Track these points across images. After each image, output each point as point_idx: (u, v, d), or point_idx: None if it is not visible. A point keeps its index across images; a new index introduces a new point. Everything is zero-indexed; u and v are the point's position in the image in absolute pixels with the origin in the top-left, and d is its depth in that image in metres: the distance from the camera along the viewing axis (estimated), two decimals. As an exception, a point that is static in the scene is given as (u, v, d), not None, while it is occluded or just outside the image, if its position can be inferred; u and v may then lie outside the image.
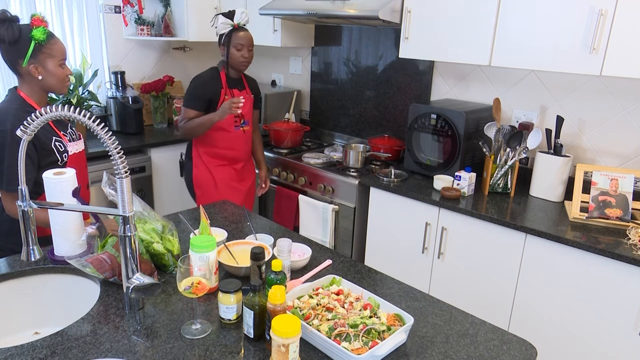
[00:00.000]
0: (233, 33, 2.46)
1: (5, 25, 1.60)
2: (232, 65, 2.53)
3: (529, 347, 1.24)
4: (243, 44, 2.47)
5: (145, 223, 1.50)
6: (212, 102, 2.52)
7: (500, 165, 2.36)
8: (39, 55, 1.64)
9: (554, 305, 2.03)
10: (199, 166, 2.66)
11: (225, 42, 2.49)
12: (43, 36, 1.62)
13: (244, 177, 2.77)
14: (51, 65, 1.67)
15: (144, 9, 3.48)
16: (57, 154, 1.71)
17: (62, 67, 1.70)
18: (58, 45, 1.68)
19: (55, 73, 1.68)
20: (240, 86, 2.63)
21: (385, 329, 1.18)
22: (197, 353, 1.16)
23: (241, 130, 2.65)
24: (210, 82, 2.52)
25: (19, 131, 1.13)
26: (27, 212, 1.16)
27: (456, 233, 2.28)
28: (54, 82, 1.70)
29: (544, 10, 2.04)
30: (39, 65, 1.65)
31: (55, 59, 1.67)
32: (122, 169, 1.18)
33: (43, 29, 1.63)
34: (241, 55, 2.49)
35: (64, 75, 1.71)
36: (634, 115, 2.22)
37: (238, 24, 2.48)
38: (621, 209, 2.03)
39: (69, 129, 1.83)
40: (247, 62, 2.53)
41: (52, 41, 1.66)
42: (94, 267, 1.38)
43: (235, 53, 2.49)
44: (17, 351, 1.14)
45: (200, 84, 2.52)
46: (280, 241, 1.45)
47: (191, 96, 2.52)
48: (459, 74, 2.77)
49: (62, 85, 1.72)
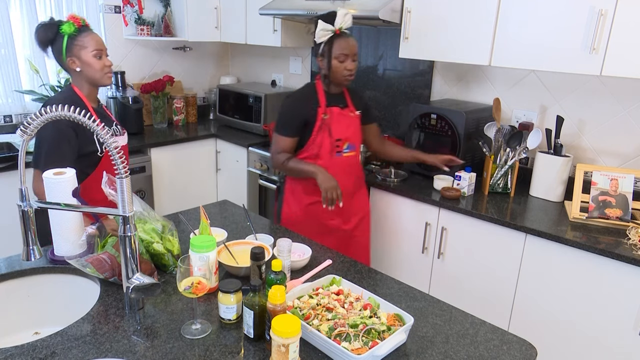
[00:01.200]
0: (334, 40, 2.04)
1: (45, 27, 1.75)
2: (335, 80, 2.10)
3: (529, 347, 1.24)
4: (347, 53, 2.03)
5: (145, 223, 1.50)
6: (307, 124, 2.11)
7: (500, 165, 2.36)
8: (72, 48, 1.75)
9: (554, 305, 2.03)
10: (290, 203, 2.23)
11: (324, 52, 2.06)
12: (71, 29, 1.73)
13: (348, 215, 2.24)
14: (85, 56, 1.76)
15: (144, 9, 3.48)
16: (97, 144, 1.80)
17: (97, 57, 1.78)
18: (90, 37, 1.77)
19: (90, 63, 1.77)
20: (341, 103, 2.18)
21: (385, 329, 1.18)
22: (197, 353, 1.16)
23: (343, 156, 2.17)
24: (305, 102, 2.11)
25: (19, 131, 1.13)
26: (27, 212, 1.16)
27: (456, 233, 2.28)
28: (92, 73, 1.78)
29: (544, 10, 2.04)
30: (75, 58, 1.76)
31: (87, 49, 1.76)
32: (122, 169, 1.18)
33: (70, 23, 1.74)
34: (344, 68, 2.05)
35: (100, 66, 1.78)
36: (634, 115, 2.22)
37: (340, 29, 2.04)
38: (621, 209, 2.03)
39: (113, 126, 1.92)
40: (351, 76, 2.08)
41: (84, 34, 1.77)
42: (94, 267, 1.38)
43: (337, 66, 2.05)
44: (17, 351, 1.14)
45: (294, 106, 2.12)
46: (280, 241, 1.45)
47: (284, 121, 2.12)
48: (459, 74, 2.77)
49: (102, 75, 1.80)
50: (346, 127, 2.15)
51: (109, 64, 1.81)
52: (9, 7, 2.93)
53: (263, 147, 3.15)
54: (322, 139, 2.12)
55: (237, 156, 3.34)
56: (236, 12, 3.39)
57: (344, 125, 2.15)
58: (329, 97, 2.14)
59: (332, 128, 2.12)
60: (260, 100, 3.33)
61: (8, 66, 3.00)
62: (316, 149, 2.11)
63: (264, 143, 3.22)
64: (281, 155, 2.12)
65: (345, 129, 2.15)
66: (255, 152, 3.16)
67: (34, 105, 3.11)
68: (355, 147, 2.20)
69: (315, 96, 2.12)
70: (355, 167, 2.24)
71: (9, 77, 3.03)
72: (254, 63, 3.97)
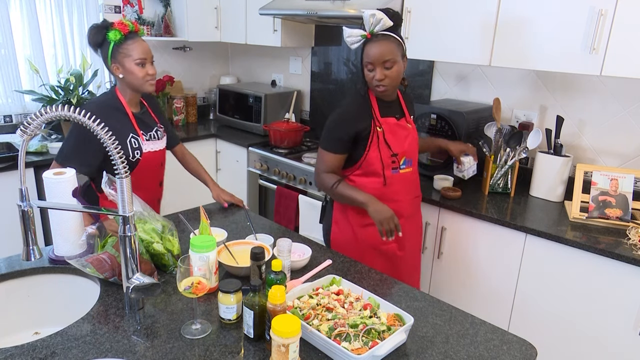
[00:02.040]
0: (364, 47, 1.81)
1: (95, 30, 1.77)
2: (372, 91, 1.87)
3: (529, 347, 1.24)
4: (372, 62, 1.77)
5: (145, 223, 1.50)
6: (359, 139, 1.85)
7: (500, 165, 2.36)
8: (117, 55, 1.78)
9: (554, 305, 2.03)
10: (340, 224, 1.98)
11: (361, 59, 1.85)
12: (116, 37, 1.75)
13: (404, 241, 1.97)
14: (128, 64, 1.78)
15: (144, 9, 3.48)
16: (129, 149, 1.82)
17: (140, 66, 1.80)
18: (135, 45, 1.78)
19: (132, 71, 1.79)
20: (397, 112, 1.92)
21: (385, 329, 1.18)
22: (197, 353, 1.16)
23: (400, 173, 1.91)
24: (357, 115, 1.85)
25: (19, 131, 1.13)
26: (27, 212, 1.16)
27: (456, 233, 2.28)
28: (133, 80, 1.81)
29: (544, 10, 2.04)
30: (119, 65, 1.79)
31: (131, 58, 1.78)
32: (122, 169, 1.18)
33: (117, 30, 1.76)
34: (373, 78, 1.79)
35: (143, 74, 1.80)
36: (634, 115, 2.22)
37: (372, 33, 1.78)
38: (621, 209, 2.03)
39: (153, 131, 1.94)
40: (383, 86, 1.79)
41: (130, 42, 1.78)
42: (94, 267, 1.38)
43: (367, 75, 1.81)
44: (17, 351, 1.14)
45: (344, 119, 1.84)
46: (280, 241, 1.45)
47: (333, 136, 1.85)
48: (459, 74, 2.77)
49: (143, 83, 1.82)
50: (403, 139, 1.90)
51: (151, 72, 1.83)
52: (9, 7, 2.93)
53: (263, 147, 3.15)
54: (376, 154, 1.85)
55: (237, 156, 3.34)
56: (236, 12, 3.40)
57: (400, 137, 1.90)
58: (383, 107, 1.88)
59: (388, 142, 1.86)
60: (260, 100, 3.33)
61: (8, 66, 3.01)
62: (369, 166, 1.86)
63: (264, 143, 3.22)
64: (329, 177, 1.87)
65: (402, 142, 1.89)
66: (255, 152, 3.16)
67: (34, 105, 3.11)
68: (412, 163, 1.95)
69: (368, 107, 1.86)
70: (413, 185, 1.99)
71: (9, 77, 3.03)
72: (254, 63, 3.97)
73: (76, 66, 3.24)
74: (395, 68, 1.77)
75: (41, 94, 2.98)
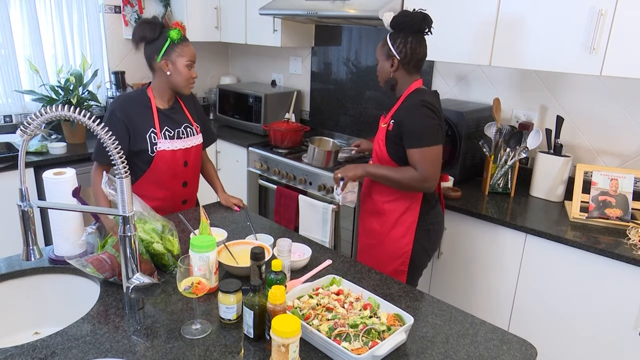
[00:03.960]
0: None
1: (150, 25, 1.85)
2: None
3: (529, 347, 1.24)
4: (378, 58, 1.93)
5: (145, 223, 1.50)
6: None
7: (500, 165, 2.36)
8: (171, 53, 1.86)
9: (554, 305, 2.03)
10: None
11: None
12: (177, 36, 1.85)
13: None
14: (180, 63, 1.86)
15: (144, 9, 3.48)
16: (148, 144, 1.88)
17: (189, 68, 1.88)
18: (189, 48, 1.88)
19: (182, 71, 1.87)
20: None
21: (385, 329, 1.18)
22: (197, 353, 1.16)
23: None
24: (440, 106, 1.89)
25: (19, 131, 1.14)
26: (27, 212, 1.16)
27: (456, 233, 2.28)
28: (179, 80, 1.89)
29: (544, 10, 2.04)
30: (170, 62, 1.86)
31: (184, 59, 1.86)
32: (122, 169, 1.18)
33: (178, 30, 1.86)
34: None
35: (189, 76, 1.89)
36: (634, 115, 2.22)
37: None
38: (621, 209, 2.03)
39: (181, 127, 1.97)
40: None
41: (185, 43, 1.88)
42: (94, 267, 1.38)
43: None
44: (17, 351, 1.14)
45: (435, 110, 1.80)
46: (280, 241, 1.45)
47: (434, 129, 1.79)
48: (459, 74, 2.77)
49: (186, 84, 1.91)
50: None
51: (195, 76, 1.92)
52: (9, 7, 2.93)
53: (263, 147, 3.15)
54: None
55: (237, 156, 3.34)
56: (236, 12, 3.40)
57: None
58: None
59: None
60: (260, 100, 3.33)
61: (8, 66, 3.01)
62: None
63: (264, 143, 3.22)
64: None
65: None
66: (255, 152, 3.16)
67: (34, 105, 3.11)
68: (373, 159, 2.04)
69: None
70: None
71: (9, 77, 3.03)
72: (254, 63, 3.97)
73: (76, 66, 3.24)
74: (379, 66, 1.92)
75: (41, 94, 2.98)
